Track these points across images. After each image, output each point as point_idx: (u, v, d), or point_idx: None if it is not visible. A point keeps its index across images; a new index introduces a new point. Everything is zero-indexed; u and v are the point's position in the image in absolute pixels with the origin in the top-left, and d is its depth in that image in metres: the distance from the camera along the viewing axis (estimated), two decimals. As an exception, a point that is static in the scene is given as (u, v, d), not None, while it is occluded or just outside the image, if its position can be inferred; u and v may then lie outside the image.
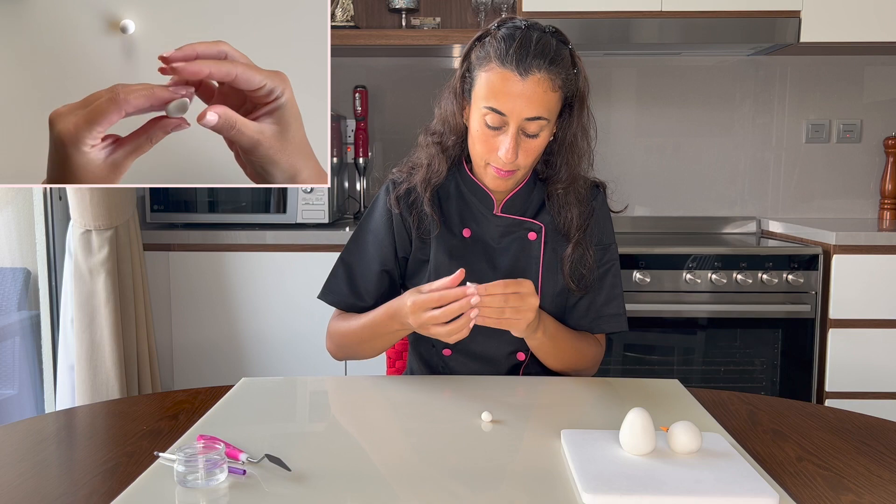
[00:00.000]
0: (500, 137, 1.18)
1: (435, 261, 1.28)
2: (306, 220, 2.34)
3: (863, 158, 2.72)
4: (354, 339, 1.29)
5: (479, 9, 2.56)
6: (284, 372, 2.27)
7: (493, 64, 1.16)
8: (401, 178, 1.32)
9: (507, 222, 1.29)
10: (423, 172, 1.29)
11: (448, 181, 1.31)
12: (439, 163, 1.28)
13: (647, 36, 2.36)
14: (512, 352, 1.30)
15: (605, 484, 0.81)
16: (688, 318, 2.22)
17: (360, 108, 2.57)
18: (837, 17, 2.33)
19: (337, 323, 1.32)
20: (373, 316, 1.24)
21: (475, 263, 1.28)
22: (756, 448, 0.98)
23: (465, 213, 1.30)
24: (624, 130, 2.74)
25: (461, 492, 0.82)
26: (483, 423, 1.01)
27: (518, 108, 1.15)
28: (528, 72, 1.13)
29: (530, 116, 1.15)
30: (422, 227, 1.29)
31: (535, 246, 1.29)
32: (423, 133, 1.32)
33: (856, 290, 2.17)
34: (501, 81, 1.15)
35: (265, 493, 0.81)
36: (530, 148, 1.19)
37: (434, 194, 1.29)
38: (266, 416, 1.08)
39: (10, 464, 0.94)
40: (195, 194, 2.34)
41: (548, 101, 1.16)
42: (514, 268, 1.28)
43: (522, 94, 1.14)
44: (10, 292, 2.25)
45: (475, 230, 1.30)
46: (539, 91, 1.14)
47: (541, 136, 1.19)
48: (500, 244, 1.29)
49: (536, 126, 1.17)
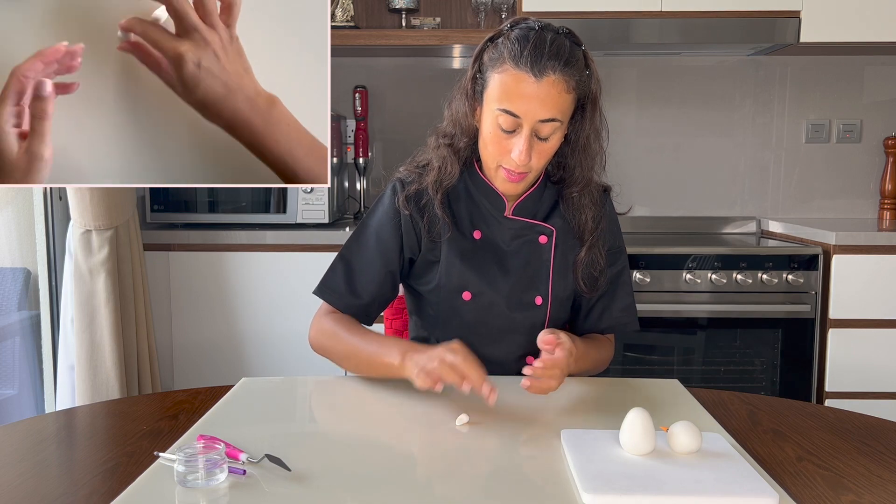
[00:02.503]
0: (513, 139, 1.17)
1: (446, 262, 1.27)
2: (306, 220, 2.34)
3: (863, 158, 2.72)
4: (343, 351, 1.25)
5: (479, 9, 2.56)
6: (284, 372, 2.27)
7: (507, 65, 1.14)
8: (409, 178, 1.30)
9: (518, 225, 1.28)
10: (434, 174, 1.27)
11: (458, 182, 1.29)
12: (451, 164, 1.26)
13: (647, 36, 2.36)
14: (521, 356, 1.30)
15: (605, 484, 0.81)
16: (688, 318, 2.22)
17: (360, 108, 2.57)
18: (837, 17, 2.33)
19: (331, 323, 1.27)
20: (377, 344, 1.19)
21: (485, 266, 1.27)
22: (756, 448, 0.98)
23: (475, 214, 1.29)
24: (624, 130, 2.74)
25: (461, 492, 0.82)
26: (474, 424, 1.01)
27: (532, 111, 1.14)
28: (543, 73, 1.12)
29: (544, 118, 1.14)
30: (433, 229, 1.28)
31: (545, 249, 1.28)
32: (434, 135, 1.30)
33: (856, 290, 2.17)
34: (515, 83, 1.13)
35: (265, 493, 0.81)
36: (543, 150, 1.18)
37: (445, 197, 1.28)
38: (266, 416, 1.09)
39: (10, 464, 0.94)
40: (195, 194, 2.34)
41: (562, 103, 1.15)
42: (524, 271, 1.28)
43: (537, 96, 1.13)
44: (10, 292, 2.25)
45: (486, 232, 1.29)
46: (553, 93, 1.13)
47: (553, 138, 1.18)
48: (510, 247, 1.29)
49: (550, 128, 1.16)
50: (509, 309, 1.28)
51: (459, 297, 1.27)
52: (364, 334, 1.23)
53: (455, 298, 1.27)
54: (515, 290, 1.28)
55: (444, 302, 1.28)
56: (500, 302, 1.27)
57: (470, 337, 1.28)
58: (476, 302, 1.27)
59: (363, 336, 1.22)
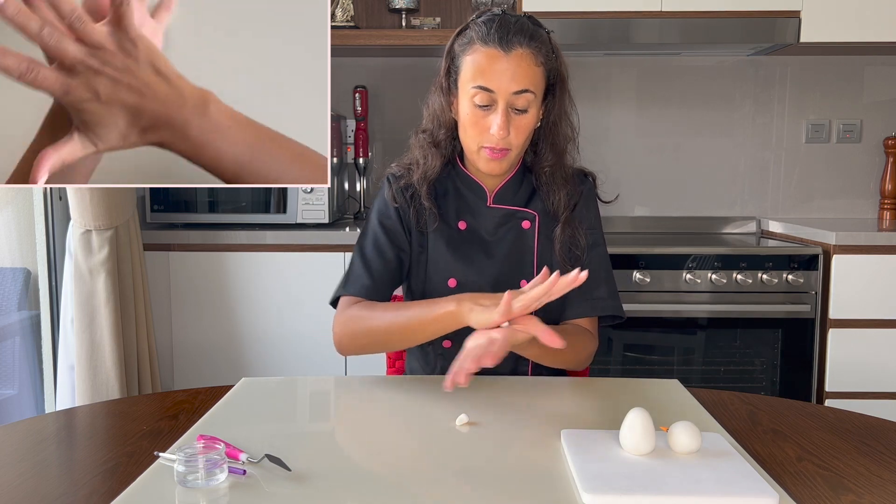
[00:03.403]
0: (490, 116, 1.22)
1: (434, 253, 1.31)
2: (306, 220, 2.34)
3: (863, 158, 2.72)
4: (382, 326, 1.22)
5: (479, 9, 2.56)
6: (284, 372, 2.27)
7: (476, 45, 1.22)
8: (399, 174, 1.36)
9: (501, 213, 1.32)
10: (420, 169, 1.32)
11: (445, 179, 1.34)
12: (432, 157, 1.32)
13: (647, 36, 2.36)
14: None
15: (605, 484, 0.81)
16: (688, 318, 2.22)
17: (360, 108, 2.57)
18: (837, 17, 2.33)
19: (357, 309, 1.25)
20: (420, 305, 1.18)
21: (472, 255, 1.31)
22: (756, 448, 0.98)
23: (460, 206, 1.34)
24: (624, 130, 2.74)
25: (461, 492, 0.82)
26: (471, 424, 1.01)
27: (505, 83, 1.19)
28: (511, 47, 1.19)
29: (517, 90, 1.20)
30: (420, 220, 1.32)
31: (529, 234, 1.32)
32: (415, 134, 1.36)
33: (856, 290, 2.17)
34: (487, 59, 1.20)
35: (265, 493, 0.81)
36: (521, 125, 1.23)
37: (431, 189, 1.32)
38: (266, 416, 1.09)
39: (10, 464, 0.94)
40: (195, 194, 2.34)
41: (532, 75, 1.21)
42: (509, 257, 1.31)
43: (507, 69, 1.19)
44: (10, 292, 2.25)
45: (471, 222, 1.33)
46: (523, 65, 1.19)
47: (529, 112, 1.23)
48: (495, 235, 1.32)
49: (524, 101, 1.21)
50: None
51: (445, 285, 1.30)
52: (398, 305, 1.22)
53: (442, 287, 1.30)
54: (502, 277, 1.30)
55: (432, 291, 1.31)
56: (487, 288, 1.28)
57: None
58: (462, 289, 1.27)
59: (398, 306, 1.22)
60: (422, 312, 1.17)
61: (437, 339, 1.31)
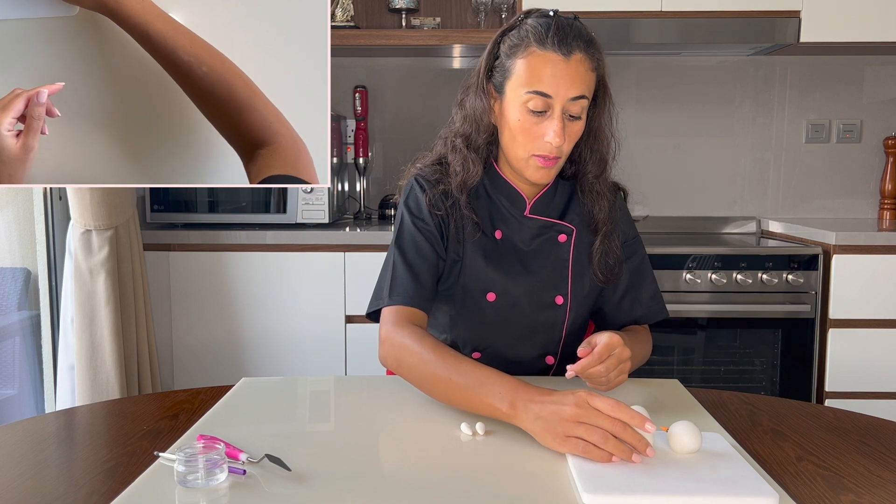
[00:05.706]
0: (544, 123, 1.17)
1: (470, 262, 1.26)
2: (306, 220, 2.34)
3: (863, 158, 2.72)
4: (429, 375, 1.08)
5: (479, 9, 2.56)
6: (284, 372, 2.27)
7: (532, 48, 1.15)
8: (433, 177, 1.28)
9: (538, 224, 1.28)
10: (459, 177, 1.25)
11: (477, 184, 1.28)
12: (474, 164, 1.25)
13: (647, 36, 2.36)
14: (540, 355, 1.30)
15: (605, 484, 0.81)
16: (688, 318, 2.22)
17: (360, 108, 2.57)
18: (837, 17, 2.33)
19: (410, 340, 1.12)
20: (474, 378, 1.02)
21: (507, 265, 1.26)
22: (756, 448, 0.98)
23: (494, 214, 1.28)
24: (624, 130, 2.73)
25: (461, 492, 0.82)
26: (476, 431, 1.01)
27: (563, 89, 1.15)
28: (571, 52, 1.14)
29: (574, 96, 1.16)
30: (459, 229, 1.26)
31: (564, 248, 1.29)
32: (445, 138, 1.29)
33: (856, 290, 2.17)
34: (545, 63, 1.15)
35: (265, 493, 0.81)
36: (573, 132, 1.19)
37: (471, 197, 1.27)
38: (266, 416, 1.09)
39: (10, 464, 0.94)
40: (195, 194, 2.34)
41: (588, 81, 1.17)
42: (544, 270, 1.27)
43: (567, 74, 1.14)
44: (10, 292, 2.25)
45: (506, 232, 1.28)
46: (581, 70, 1.16)
47: (581, 118, 1.19)
48: (530, 246, 1.28)
49: (579, 107, 1.17)
50: (531, 309, 1.27)
51: (483, 298, 1.26)
52: (455, 359, 1.06)
53: (479, 299, 1.26)
54: (537, 290, 1.27)
55: (467, 302, 1.27)
56: (523, 302, 1.27)
57: (492, 337, 1.28)
58: (500, 302, 1.26)
59: (455, 362, 1.05)
60: (471, 389, 1.01)
61: (467, 350, 1.30)
